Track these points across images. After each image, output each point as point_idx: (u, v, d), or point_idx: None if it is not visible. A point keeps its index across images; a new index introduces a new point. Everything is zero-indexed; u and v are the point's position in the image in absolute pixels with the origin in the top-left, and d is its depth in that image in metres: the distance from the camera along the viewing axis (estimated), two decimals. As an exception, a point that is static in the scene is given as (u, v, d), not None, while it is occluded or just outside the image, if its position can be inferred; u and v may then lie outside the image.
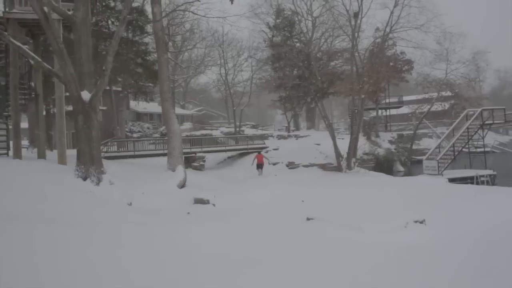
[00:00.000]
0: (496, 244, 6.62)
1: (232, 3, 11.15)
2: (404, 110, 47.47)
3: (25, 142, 22.08)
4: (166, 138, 19.30)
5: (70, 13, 12.48)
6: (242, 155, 28.95)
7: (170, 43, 35.93)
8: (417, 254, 6.24)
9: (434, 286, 4.94)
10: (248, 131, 37.40)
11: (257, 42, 40.54)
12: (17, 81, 13.90)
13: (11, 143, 14.52)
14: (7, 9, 14.11)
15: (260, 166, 23.35)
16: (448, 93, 33.88)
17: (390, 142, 33.53)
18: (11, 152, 14.28)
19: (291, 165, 26.01)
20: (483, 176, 21.19)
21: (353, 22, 26.07)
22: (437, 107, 34.65)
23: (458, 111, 33.83)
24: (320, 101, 27.50)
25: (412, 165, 30.73)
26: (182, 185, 14.99)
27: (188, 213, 10.22)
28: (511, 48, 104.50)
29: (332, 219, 8.35)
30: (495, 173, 21.88)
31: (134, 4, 24.93)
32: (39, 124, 15.95)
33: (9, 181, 9.40)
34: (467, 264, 5.63)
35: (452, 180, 19.67)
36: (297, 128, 44.09)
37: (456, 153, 22.68)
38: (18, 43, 11.87)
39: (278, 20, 36.17)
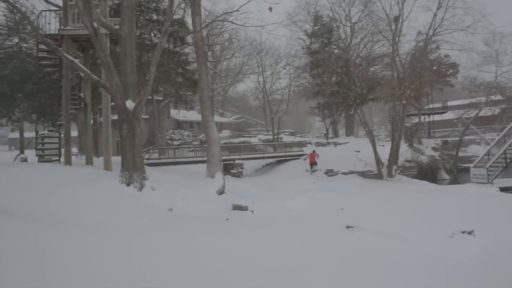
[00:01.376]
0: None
1: (271, 11, 11.25)
2: (449, 115, 45.36)
3: (74, 150, 23.40)
4: (205, 145, 19.69)
5: (116, 27, 13.17)
6: (280, 162, 28.91)
7: (210, 53, 36.81)
8: (465, 267, 5.92)
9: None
10: (286, 138, 37.32)
11: (294, 50, 40.66)
12: (68, 92, 14.81)
13: (62, 150, 15.47)
14: (61, 27, 15.14)
15: (312, 165, 25.84)
16: (499, 97, 32.07)
17: (434, 149, 32.11)
18: (62, 159, 15.21)
19: (329, 173, 25.63)
20: (540, 185, 19.73)
21: (393, 27, 25.42)
22: (485, 112, 32.87)
23: (510, 115, 31.89)
24: (359, 107, 26.94)
25: (458, 173, 29.25)
26: (221, 192, 15.20)
27: (227, 219, 10.34)
28: None
29: (373, 227, 8.13)
30: (553, 182, 20.31)
31: (175, 17, 25.87)
32: (87, 132, 16.86)
33: (61, 187, 10.00)
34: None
35: (504, 189, 18.46)
36: (336, 135, 43.43)
37: (509, 161, 21.32)
38: (71, 57, 12.68)
39: (316, 27, 36.06)
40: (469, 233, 7.60)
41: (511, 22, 31.27)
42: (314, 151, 26.89)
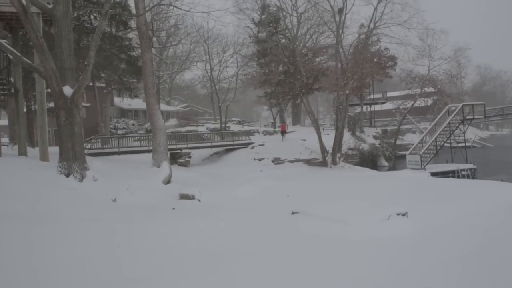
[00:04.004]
0: (471, 233, 6.83)
1: (216, -3, 11.07)
2: (388, 106, 48.17)
3: (5, 140, 21.60)
4: (151, 134, 19.13)
5: (50, 6, 12.19)
6: (228, 151, 28.93)
7: (155, 39, 35.53)
8: (397, 244, 6.37)
9: (411, 273, 5.06)
10: (234, 127, 37.35)
11: (242, 38, 40.51)
12: (-5, 76, 13.57)
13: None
14: (-17, 2, 13.71)
15: (283, 133, 30.91)
16: (431, 89, 34.48)
17: (375, 137, 33.95)
18: (-10, 149, 13.97)
19: (276, 161, 26.11)
20: (463, 170, 21.67)
21: (337, 18, 26.21)
22: (420, 102, 35.24)
23: (441, 106, 34.45)
24: (305, 96, 27.62)
25: (396, 159, 31.24)
26: (167, 181, 14.90)
27: (173, 208, 10.18)
28: (491, 45, 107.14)
29: (317, 212, 8.43)
30: (475, 167, 22.42)
31: (117, -1, 24.57)
32: (20, 120, 15.61)
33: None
34: (443, 252, 5.80)
35: (434, 174, 20.08)
36: (283, 124, 44.23)
37: (438, 148, 23.15)
38: (-4, 37, 11.58)
39: (263, 16, 36.13)
40: (403, 214, 8.18)
41: (441, 19, 33.74)
42: (284, 123, 33.86)
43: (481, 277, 4.86)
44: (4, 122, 18.21)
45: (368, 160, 29.42)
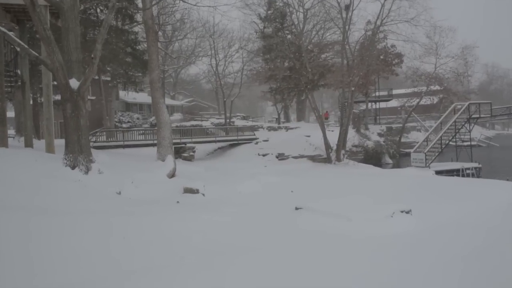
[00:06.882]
0: (473, 232, 6.82)
1: (223, -8, 11.03)
2: (394, 103, 47.91)
3: (11, 132, 21.77)
4: (155, 128, 19.20)
5: (57, -1, 12.22)
6: (232, 146, 28.97)
7: (160, 33, 35.51)
8: (401, 242, 6.38)
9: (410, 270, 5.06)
10: (239, 122, 37.37)
11: (248, 33, 40.41)
12: (2, 67, 13.61)
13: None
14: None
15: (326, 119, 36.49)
16: (437, 87, 34.26)
17: (379, 134, 33.83)
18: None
19: (281, 157, 26.13)
20: (468, 168, 21.58)
21: (344, 15, 26.07)
22: (426, 100, 35.05)
23: (447, 105, 34.24)
24: (310, 93, 27.55)
25: (400, 157, 31.14)
26: (171, 175, 14.95)
27: (178, 202, 10.24)
28: (499, 44, 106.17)
29: (320, 208, 8.45)
30: (480, 166, 22.30)
31: (124, -8, 24.53)
32: (26, 112, 15.70)
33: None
34: (445, 251, 5.80)
35: (438, 173, 20.01)
36: (288, 119, 44.18)
37: (443, 146, 23.04)
38: (3, 29, 11.63)
39: (269, 11, 36.00)
40: (407, 212, 8.18)
41: (449, 16, 33.46)
42: (326, 112, 41.65)
43: (484, 276, 4.86)
44: (11, 114, 18.34)
45: (372, 157, 29.37)
